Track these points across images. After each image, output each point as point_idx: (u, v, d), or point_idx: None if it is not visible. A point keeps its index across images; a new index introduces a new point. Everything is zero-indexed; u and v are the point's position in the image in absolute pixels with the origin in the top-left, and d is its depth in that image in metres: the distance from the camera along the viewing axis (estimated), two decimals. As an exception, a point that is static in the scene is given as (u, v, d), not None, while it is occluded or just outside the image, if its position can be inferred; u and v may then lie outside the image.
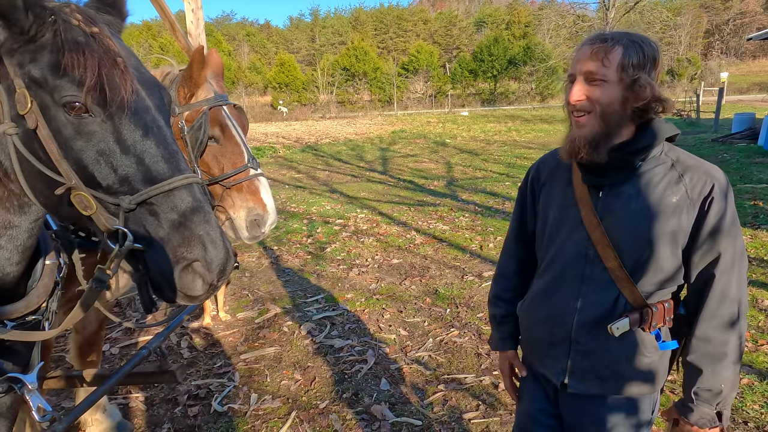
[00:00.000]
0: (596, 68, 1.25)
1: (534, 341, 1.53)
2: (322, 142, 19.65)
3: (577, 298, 1.38)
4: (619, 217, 1.31)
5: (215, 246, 1.05)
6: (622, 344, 1.35)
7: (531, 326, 1.54)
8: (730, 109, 22.33)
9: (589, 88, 1.27)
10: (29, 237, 1.17)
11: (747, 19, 58.02)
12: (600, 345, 1.36)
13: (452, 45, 64.11)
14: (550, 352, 1.46)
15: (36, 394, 1.19)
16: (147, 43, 42.63)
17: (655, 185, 1.29)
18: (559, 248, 1.42)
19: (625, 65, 1.23)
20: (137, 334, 4.04)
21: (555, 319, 1.43)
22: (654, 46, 1.28)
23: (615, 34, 1.27)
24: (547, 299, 1.46)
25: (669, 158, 1.32)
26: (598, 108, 1.27)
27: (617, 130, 1.29)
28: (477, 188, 9.52)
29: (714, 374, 1.28)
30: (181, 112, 1.99)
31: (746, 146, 12.50)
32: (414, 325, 4.08)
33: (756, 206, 6.92)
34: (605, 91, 1.25)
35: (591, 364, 1.39)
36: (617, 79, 1.24)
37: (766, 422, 2.70)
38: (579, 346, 1.39)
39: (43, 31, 0.99)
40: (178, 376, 1.82)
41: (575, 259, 1.38)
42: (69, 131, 1.02)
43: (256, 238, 2.09)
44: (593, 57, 1.25)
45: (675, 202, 1.27)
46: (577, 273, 1.38)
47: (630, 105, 1.26)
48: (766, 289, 4.29)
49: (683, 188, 1.28)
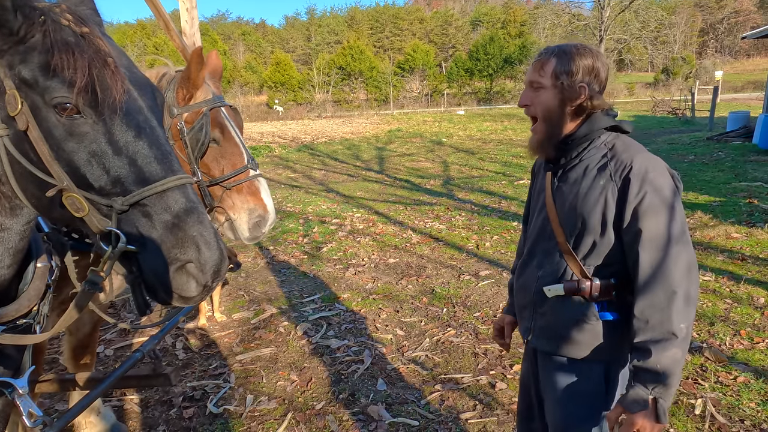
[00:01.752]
0: (536, 77, 1.53)
1: (517, 306, 1.79)
2: (318, 141, 19.62)
3: (540, 268, 1.62)
4: (564, 198, 1.55)
5: (209, 247, 1.04)
6: (565, 308, 1.56)
7: (515, 292, 1.78)
8: (725, 107, 22.44)
9: (532, 93, 1.55)
10: (21, 240, 1.16)
11: (741, 18, 58.32)
12: (549, 308, 1.60)
13: (448, 44, 64.15)
14: (523, 314, 1.73)
15: (27, 398, 1.17)
16: (141, 43, 42.47)
17: (590, 170, 1.50)
18: (532, 227, 1.70)
19: (558, 73, 1.49)
20: (132, 335, 4.01)
21: (525, 286, 1.68)
22: (589, 54, 1.49)
23: (552, 48, 1.53)
24: (523, 270, 1.72)
25: (606, 147, 1.51)
26: (540, 110, 1.54)
27: (559, 128, 1.53)
28: (473, 187, 9.53)
29: (653, 353, 1.35)
30: (180, 113, 1.98)
31: (741, 144, 12.56)
32: (410, 324, 4.07)
33: (751, 204, 6.95)
34: (543, 95, 1.52)
35: (544, 323, 1.62)
36: (551, 85, 1.50)
37: (762, 420, 2.71)
38: (537, 308, 1.64)
39: (32, 32, 0.98)
40: (172, 379, 1.81)
41: (540, 236, 1.64)
42: (60, 132, 1.00)
43: (257, 238, 2.10)
44: (534, 68, 1.54)
45: (602, 184, 1.46)
46: (541, 248, 1.63)
47: (568, 105, 1.51)
48: (762, 287, 4.31)
49: (608, 172, 1.46)
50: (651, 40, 38.96)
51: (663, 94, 31.36)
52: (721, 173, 9.36)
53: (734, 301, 4.11)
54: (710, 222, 6.25)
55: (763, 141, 11.69)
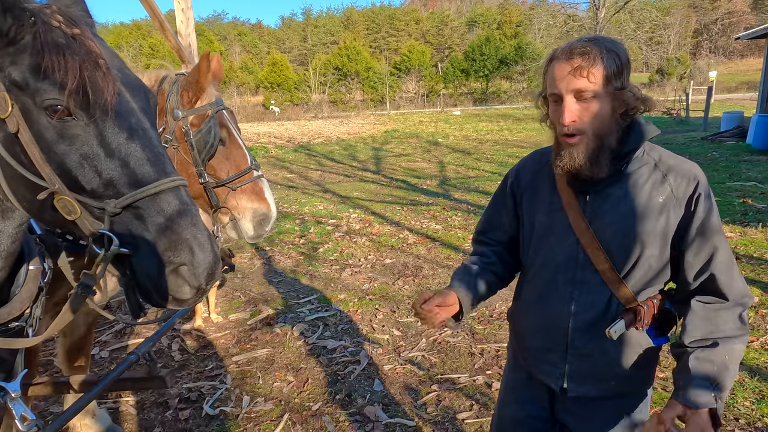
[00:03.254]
0: (584, 85, 1.23)
1: (529, 349, 1.53)
2: (315, 141, 19.60)
3: (571, 302, 1.38)
4: (608, 220, 1.33)
5: (203, 249, 1.04)
6: (619, 344, 1.36)
7: (526, 334, 1.53)
8: (719, 107, 22.57)
9: (580, 105, 1.25)
10: (12, 242, 1.15)
11: (735, 19, 58.65)
12: (597, 347, 1.37)
13: (444, 44, 64.21)
14: (547, 358, 1.45)
15: (19, 402, 1.16)
16: (137, 43, 42.25)
17: (641, 186, 1.31)
18: (548, 254, 1.42)
19: (609, 76, 1.23)
20: (127, 336, 4.00)
21: (550, 325, 1.43)
22: (623, 47, 1.28)
23: (590, 47, 1.24)
24: (541, 306, 1.45)
25: (651, 158, 1.34)
26: (592, 125, 1.26)
27: (613, 140, 1.29)
28: (470, 187, 9.54)
29: (718, 361, 1.26)
30: (185, 116, 2.00)
31: (735, 144, 12.65)
32: (407, 325, 4.07)
33: (745, 204, 6.99)
34: (595, 105, 1.25)
35: (589, 366, 1.40)
36: (605, 93, 1.24)
37: (756, 418, 2.72)
38: (576, 350, 1.40)
39: (22, 33, 0.97)
40: (167, 382, 1.80)
41: (566, 264, 1.38)
42: (51, 135, 1.00)
43: (260, 236, 2.17)
44: (576, 72, 1.23)
45: (662, 201, 1.29)
46: (568, 277, 1.38)
47: (617, 112, 1.27)
48: (756, 286, 4.33)
49: (668, 188, 1.29)
50: (646, 41, 39.11)
51: (658, 94, 31.47)
52: (716, 173, 9.41)
53: (729, 300, 4.13)
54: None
55: (756, 141, 11.77)
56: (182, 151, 2.01)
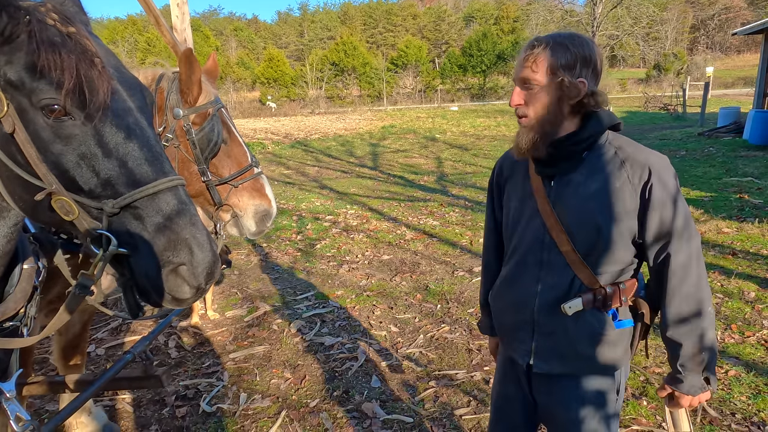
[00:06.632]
0: (527, 74, 1.35)
1: (503, 326, 1.63)
2: (312, 137, 19.54)
3: (537, 283, 1.47)
4: (569, 203, 1.41)
5: (202, 249, 1.03)
6: (580, 324, 1.43)
7: (499, 312, 1.63)
8: (716, 103, 22.61)
9: (524, 92, 1.38)
10: (7, 242, 1.14)
11: (731, 15, 58.70)
12: (559, 325, 1.44)
13: (441, 40, 64.08)
14: (517, 335, 1.54)
15: (14, 402, 1.15)
16: (132, 39, 41.98)
17: (599, 172, 1.38)
18: (520, 237, 1.52)
19: (554, 67, 1.32)
20: (123, 334, 3.98)
21: (518, 304, 1.52)
22: (584, 43, 1.35)
23: (543, 38, 1.36)
24: (511, 285, 1.55)
25: (613, 147, 1.41)
26: (535, 110, 1.37)
27: (557, 126, 1.38)
28: (467, 183, 9.54)
29: (694, 345, 1.36)
30: (187, 115, 2.00)
31: (732, 140, 12.67)
32: (405, 321, 4.07)
33: (741, 199, 7.02)
34: (537, 94, 1.36)
35: (552, 344, 1.47)
36: (547, 82, 1.34)
37: (753, 413, 2.74)
38: (541, 327, 1.48)
39: (17, 32, 0.95)
40: (163, 381, 1.79)
41: (533, 246, 1.47)
42: (48, 135, 0.99)
43: (262, 232, 2.20)
44: (525, 63, 1.36)
45: (618, 186, 1.36)
46: (536, 259, 1.47)
47: (566, 102, 1.35)
48: (752, 282, 4.35)
49: (625, 174, 1.36)
50: (643, 36, 39.12)
51: (655, 90, 31.54)
52: (712, 168, 9.44)
53: (725, 295, 4.15)
54: (701, 217, 6.30)
55: (753, 136, 11.80)
56: (184, 149, 2.01)
